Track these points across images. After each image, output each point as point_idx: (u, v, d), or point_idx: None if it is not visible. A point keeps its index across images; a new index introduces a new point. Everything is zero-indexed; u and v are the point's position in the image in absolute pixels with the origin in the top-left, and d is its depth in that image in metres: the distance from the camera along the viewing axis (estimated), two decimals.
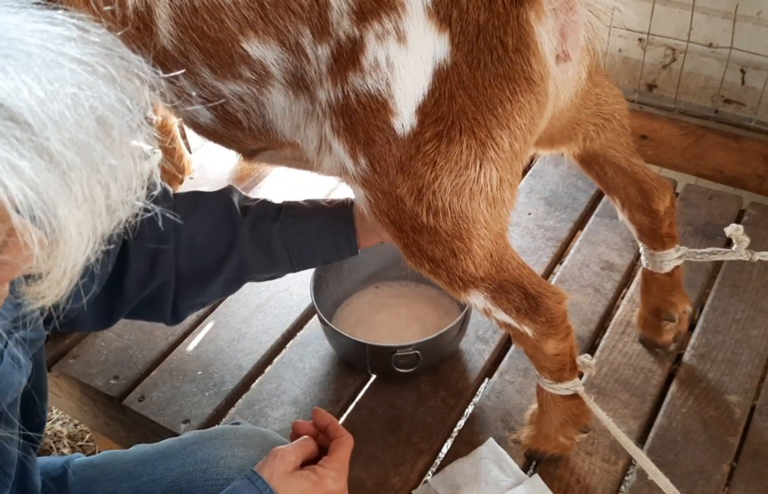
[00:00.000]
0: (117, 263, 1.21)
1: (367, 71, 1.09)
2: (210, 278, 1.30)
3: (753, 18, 2.16)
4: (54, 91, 0.63)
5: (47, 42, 0.65)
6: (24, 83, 0.61)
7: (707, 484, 1.45)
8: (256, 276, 1.38)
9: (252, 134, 1.29)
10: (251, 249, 1.32)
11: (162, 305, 1.29)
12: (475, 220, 1.17)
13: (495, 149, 1.13)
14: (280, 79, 1.19)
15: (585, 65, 1.26)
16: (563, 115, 1.31)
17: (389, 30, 1.07)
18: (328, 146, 1.21)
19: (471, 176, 1.13)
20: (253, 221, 1.32)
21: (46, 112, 0.61)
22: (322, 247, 1.38)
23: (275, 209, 1.36)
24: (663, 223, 1.54)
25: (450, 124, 1.10)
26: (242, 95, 1.22)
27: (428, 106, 1.10)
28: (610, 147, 1.49)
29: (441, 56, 1.07)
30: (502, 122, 1.11)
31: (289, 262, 1.36)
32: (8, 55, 0.62)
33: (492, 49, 1.07)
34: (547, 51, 1.11)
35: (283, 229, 1.33)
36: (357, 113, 1.12)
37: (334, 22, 1.10)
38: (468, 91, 1.09)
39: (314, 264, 1.46)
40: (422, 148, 1.12)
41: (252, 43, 1.16)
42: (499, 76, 1.09)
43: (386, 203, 1.18)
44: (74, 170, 0.63)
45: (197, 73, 1.21)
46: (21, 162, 0.59)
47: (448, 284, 1.25)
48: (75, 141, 0.63)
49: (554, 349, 1.33)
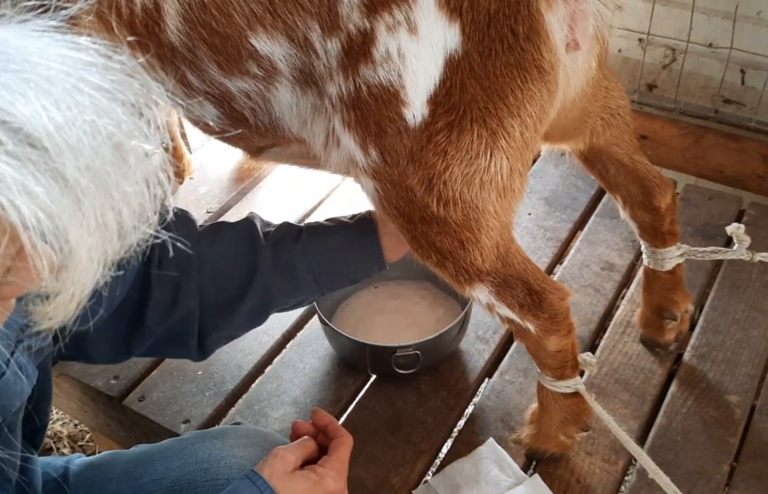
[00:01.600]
0: (138, 293, 1.19)
1: (379, 63, 1.09)
2: (234, 307, 1.27)
3: (753, 18, 2.16)
4: (73, 117, 0.63)
5: (69, 67, 0.66)
6: (43, 108, 0.62)
7: (707, 484, 1.45)
8: (282, 302, 1.33)
9: (258, 132, 1.29)
10: (274, 274, 1.28)
11: (187, 338, 1.26)
12: (485, 210, 1.17)
13: (506, 138, 1.13)
14: (288, 76, 1.19)
15: (595, 54, 1.26)
16: (575, 105, 1.31)
17: (400, 21, 1.07)
18: (336, 140, 1.21)
19: (481, 165, 1.13)
20: (273, 245, 1.29)
21: (63, 137, 0.62)
22: (346, 264, 1.34)
23: (296, 230, 1.33)
24: (664, 220, 1.55)
25: (461, 113, 1.11)
26: (249, 92, 1.22)
27: (439, 96, 1.10)
28: (614, 143, 1.49)
29: (452, 46, 1.08)
30: (513, 111, 1.12)
31: (316, 284, 1.32)
32: (29, 79, 0.63)
33: (503, 37, 1.08)
34: (557, 39, 1.12)
35: (305, 250, 1.30)
36: (368, 105, 1.12)
37: (344, 16, 1.10)
38: (479, 81, 1.09)
39: (342, 284, 1.41)
40: (433, 138, 1.12)
41: (260, 39, 1.15)
42: (510, 65, 1.09)
43: (396, 193, 1.18)
44: (88, 196, 0.64)
45: (204, 69, 1.21)
46: (36, 187, 0.60)
47: (453, 277, 1.25)
48: (91, 167, 0.64)
49: (556, 346, 1.33)
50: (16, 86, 0.62)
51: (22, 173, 0.59)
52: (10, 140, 0.60)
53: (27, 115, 0.61)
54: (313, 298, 1.37)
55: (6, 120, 0.60)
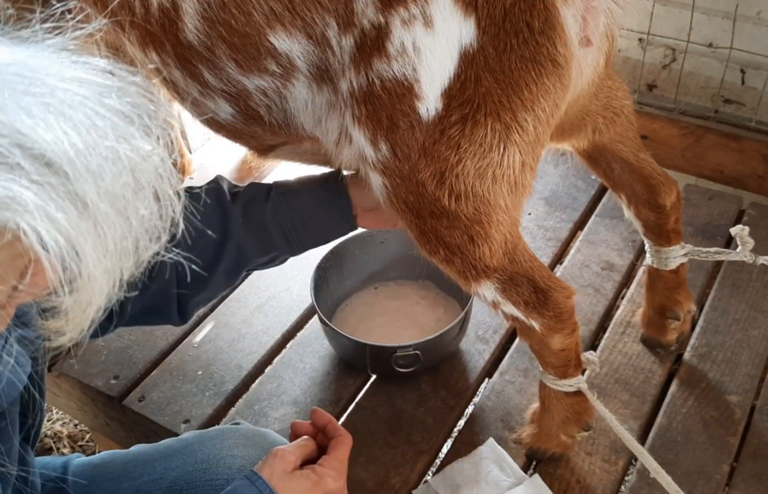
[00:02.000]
0: None
1: (393, 57, 1.09)
2: (209, 272, 1.28)
3: (753, 18, 2.16)
4: (93, 141, 0.65)
5: (87, 90, 0.67)
6: (64, 133, 0.63)
7: (707, 484, 1.45)
8: (256, 262, 1.34)
9: (272, 129, 1.29)
10: (246, 235, 1.29)
11: (166, 308, 1.28)
12: (496, 204, 1.18)
13: (519, 132, 1.13)
14: (305, 72, 1.19)
15: (604, 52, 1.27)
16: (577, 102, 1.31)
17: (416, 15, 1.07)
18: (348, 137, 1.21)
19: (494, 159, 1.14)
20: (244, 205, 1.30)
21: (84, 162, 0.63)
22: (317, 221, 1.34)
23: (265, 189, 1.33)
24: (669, 218, 1.55)
25: (476, 107, 1.11)
26: (266, 90, 1.23)
27: (454, 90, 1.10)
28: (619, 141, 1.49)
29: (467, 40, 1.08)
30: (527, 105, 1.12)
31: (287, 242, 1.33)
32: (49, 103, 0.64)
33: (518, 31, 1.08)
34: (572, 34, 1.12)
35: (275, 208, 1.31)
36: (381, 99, 1.12)
37: (359, 12, 1.11)
38: (494, 74, 1.09)
39: (313, 243, 1.40)
40: (447, 131, 1.12)
41: (279, 37, 1.16)
42: (525, 59, 1.09)
43: (405, 188, 1.18)
44: (107, 219, 0.65)
45: (222, 68, 1.21)
46: (56, 212, 0.61)
47: (460, 273, 1.25)
48: (110, 192, 0.65)
49: (560, 344, 1.33)
50: (37, 111, 0.63)
51: (42, 198, 0.61)
52: (32, 165, 0.61)
53: (48, 141, 0.62)
54: (286, 255, 1.37)
55: (28, 145, 0.61)
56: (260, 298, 1.90)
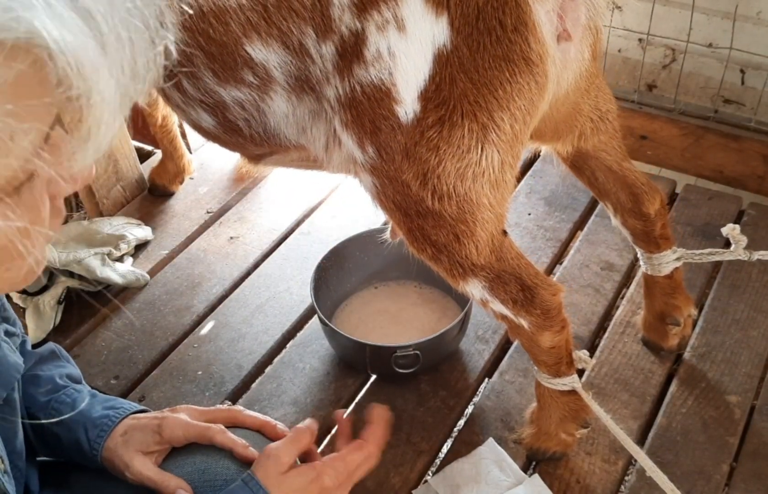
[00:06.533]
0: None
1: (370, 63, 1.10)
2: None
3: (753, 18, 2.16)
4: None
5: None
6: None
7: (707, 484, 1.45)
8: None
9: (254, 141, 1.29)
10: None
11: None
12: (479, 202, 1.18)
13: (496, 132, 1.13)
14: (283, 84, 1.19)
15: (588, 45, 1.26)
16: (568, 98, 1.31)
17: (388, 19, 1.07)
18: (338, 141, 1.22)
19: (473, 159, 1.14)
20: None
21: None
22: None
23: None
24: (655, 225, 1.54)
25: (452, 108, 1.11)
26: (243, 102, 1.23)
27: (430, 92, 1.10)
28: (602, 150, 1.49)
29: (441, 41, 1.08)
30: (502, 104, 1.12)
31: None
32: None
33: (491, 30, 1.08)
34: (545, 31, 1.11)
35: None
36: (363, 105, 1.13)
37: (336, 18, 1.10)
38: (469, 74, 1.09)
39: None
40: (426, 133, 1.13)
41: (255, 46, 1.16)
42: (498, 58, 1.09)
43: (392, 188, 1.19)
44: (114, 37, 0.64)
45: (200, 77, 1.22)
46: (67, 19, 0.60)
47: (448, 271, 1.26)
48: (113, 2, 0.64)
49: (550, 342, 1.33)
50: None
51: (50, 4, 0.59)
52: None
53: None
54: None
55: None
56: (260, 298, 1.90)
